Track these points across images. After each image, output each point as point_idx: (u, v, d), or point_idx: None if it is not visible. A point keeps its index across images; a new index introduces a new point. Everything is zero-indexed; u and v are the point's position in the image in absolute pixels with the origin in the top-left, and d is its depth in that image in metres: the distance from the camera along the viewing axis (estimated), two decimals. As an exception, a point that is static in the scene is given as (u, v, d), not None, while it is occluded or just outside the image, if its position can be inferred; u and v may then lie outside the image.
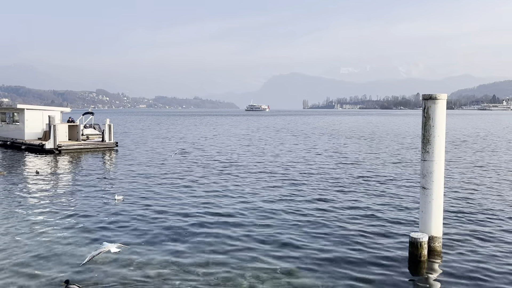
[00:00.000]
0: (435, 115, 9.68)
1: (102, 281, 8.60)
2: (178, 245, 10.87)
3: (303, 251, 10.47)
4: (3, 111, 40.91)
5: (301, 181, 19.88)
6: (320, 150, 34.43)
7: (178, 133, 58.44)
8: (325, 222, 12.96)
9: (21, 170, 23.86)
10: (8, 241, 11.10)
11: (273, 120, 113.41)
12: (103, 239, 11.15)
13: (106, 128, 35.01)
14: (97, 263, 9.49)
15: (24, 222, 12.88)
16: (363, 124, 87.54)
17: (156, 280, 8.74)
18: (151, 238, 11.47)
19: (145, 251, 10.40)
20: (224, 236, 11.63)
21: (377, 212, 14.05)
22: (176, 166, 25.09)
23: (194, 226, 12.60)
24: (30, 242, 11.02)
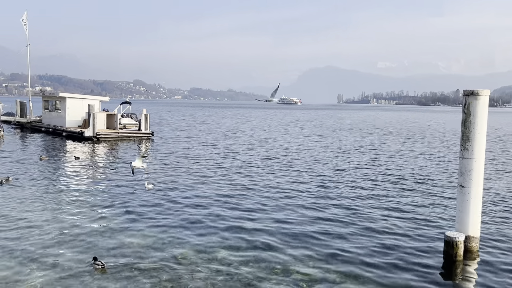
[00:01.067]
0: (476, 112, 9.37)
1: (126, 262, 8.87)
2: (203, 234, 11.04)
3: (333, 248, 10.42)
4: (46, 99, 42.55)
5: (333, 178, 19.72)
6: (354, 145, 33.99)
7: (213, 124, 59.03)
8: (357, 218, 12.83)
9: (61, 156, 24.81)
10: (46, 220, 11.60)
11: (304, 114, 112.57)
12: (131, 224, 11.50)
13: (142, 118, 35.81)
14: (124, 245, 9.80)
15: (61, 204, 13.45)
16: (400, 120, 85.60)
17: (178, 264, 8.93)
18: (177, 225, 11.70)
19: (169, 237, 10.63)
20: (250, 229, 11.72)
21: (411, 210, 13.79)
22: (209, 157, 25.40)
23: (221, 217, 12.75)
24: (65, 222, 11.48)
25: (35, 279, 8.14)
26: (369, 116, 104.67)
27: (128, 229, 11.28)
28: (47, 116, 41.89)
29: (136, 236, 10.69)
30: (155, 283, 8.12)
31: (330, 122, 72.63)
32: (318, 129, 53.56)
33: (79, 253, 9.48)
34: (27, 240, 10.15)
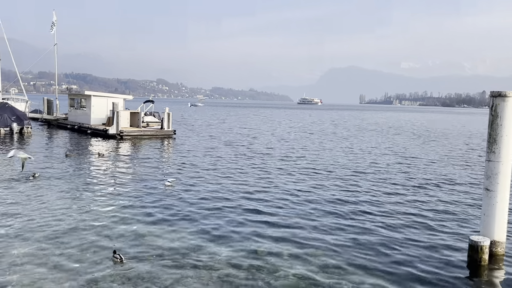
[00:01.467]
0: (504, 114, 9.17)
1: (146, 256, 9.02)
2: (221, 234, 11.13)
3: (356, 250, 10.36)
4: (72, 97, 43.52)
5: (354, 180, 19.58)
6: (378, 147, 33.63)
7: (234, 123, 59.26)
8: (378, 222, 12.72)
9: (86, 152, 25.35)
10: (70, 214, 11.89)
11: (325, 115, 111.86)
12: (152, 220, 11.68)
13: (165, 116, 36.23)
14: (144, 240, 9.97)
15: (85, 199, 13.76)
16: (424, 122, 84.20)
17: (198, 262, 9.03)
18: (197, 223, 11.81)
19: (189, 235, 10.75)
20: (268, 229, 11.76)
21: (435, 213, 13.59)
22: (229, 156, 25.54)
23: (240, 216, 12.82)
24: (88, 217, 11.74)
25: (59, 270, 8.35)
26: (392, 117, 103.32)
27: (149, 224, 11.46)
28: (72, 114, 42.83)
29: (156, 232, 10.86)
30: (174, 279, 8.23)
31: (353, 122, 72.00)
32: (340, 129, 53.18)
33: (100, 246, 9.68)
34: (52, 233, 10.43)
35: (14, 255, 9.04)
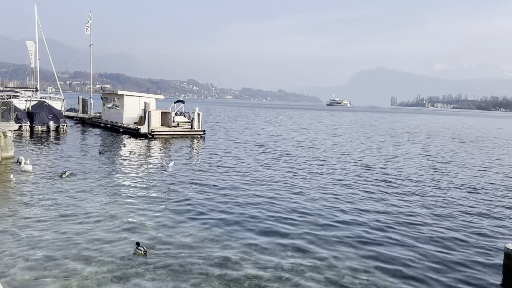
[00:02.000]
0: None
1: (169, 251, 9.16)
2: (248, 235, 11.16)
3: (391, 254, 10.22)
4: (105, 96, 44.65)
5: (392, 183, 19.27)
6: (411, 151, 33.00)
7: (263, 124, 59.35)
8: (410, 228, 12.48)
9: (118, 150, 25.97)
10: (100, 210, 12.21)
11: (355, 116, 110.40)
12: (179, 217, 11.84)
13: (195, 116, 36.67)
14: (168, 234, 10.12)
15: (115, 194, 14.10)
16: (459, 125, 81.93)
17: (223, 260, 9.09)
18: (224, 223, 11.90)
19: (214, 233, 10.85)
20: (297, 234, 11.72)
21: (469, 220, 13.22)
22: (258, 157, 25.61)
23: (265, 217, 12.84)
24: (118, 212, 12.03)
25: (85, 261, 8.61)
26: (424, 121, 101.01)
27: (174, 221, 11.65)
28: (106, 113, 43.94)
29: (180, 228, 11.04)
30: (196, 273, 8.33)
31: (383, 125, 70.84)
32: (371, 132, 52.43)
33: (125, 240, 9.91)
34: (81, 226, 10.75)
35: (44, 247, 9.36)
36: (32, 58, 50.93)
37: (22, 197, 13.57)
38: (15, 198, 13.50)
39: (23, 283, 7.74)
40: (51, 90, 65.55)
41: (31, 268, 8.33)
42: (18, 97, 44.71)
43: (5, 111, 22.37)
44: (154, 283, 8.01)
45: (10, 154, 20.80)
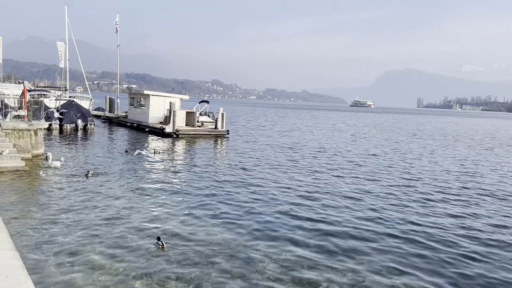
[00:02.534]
0: None
1: (188, 246, 9.27)
2: (271, 235, 11.18)
3: (427, 263, 10.08)
4: (132, 96, 45.46)
5: (424, 190, 18.98)
6: (441, 154, 32.39)
7: (287, 124, 59.26)
8: (438, 238, 12.25)
9: (143, 149, 26.37)
10: (123, 204, 12.45)
11: (377, 118, 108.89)
12: (198, 214, 11.95)
13: (219, 117, 36.94)
14: (189, 233, 10.23)
15: (139, 192, 14.35)
16: (489, 128, 79.84)
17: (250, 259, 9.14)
18: (246, 223, 11.95)
19: (236, 232, 10.90)
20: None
21: (500, 231, 12.89)
22: (281, 158, 25.59)
23: (291, 217, 12.82)
24: (141, 210, 12.24)
25: (111, 256, 8.81)
26: (453, 123, 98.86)
27: (196, 219, 11.76)
28: (132, 112, 44.73)
29: (200, 226, 11.14)
30: (212, 270, 8.40)
31: (409, 127, 69.68)
32: (397, 134, 51.66)
33: (147, 236, 10.08)
34: (104, 221, 10.99)
35: (70, 243, 9.63)
36: (62, 59, 52.32)
37: (50, 193, 13.97)
38: (43, 194, 13.91)
39: (51, 277, 7.97)
40: (80, 89, 67.20)
41: (59, 264, 8.57)
42: (49, 96, 45.96)
43: (36, 109, 23.04)
44: (174, 278, 8.13)
45: (41, 151, 21.44)
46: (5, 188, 14.05)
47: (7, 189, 14.13)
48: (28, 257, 8.64)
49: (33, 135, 20.86)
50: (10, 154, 17.56)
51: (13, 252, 5.27)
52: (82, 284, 7.76)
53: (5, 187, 14.33)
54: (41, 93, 46.48)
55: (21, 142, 20.00)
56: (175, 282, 8.06)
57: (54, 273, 8.10)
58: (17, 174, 16.57)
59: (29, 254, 8.81)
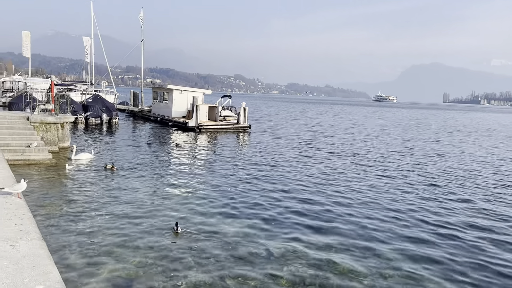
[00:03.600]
0: None
1: (203, 234, 9.33)
2: (285, 231, 11.14)
3: (446, 270, 9.90)
4: (156, 91, 45.97)
5: (443, 187, 18.61)
6: (472, 152, 31.66)
7: (309, 119, 58.93)
8: (466, 242, 12.01)
9: (165, 143, 26.70)
10: (147, 196, 12.62)
11: (400, 113, 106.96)
12: (216, 206, 12.00)
13: (241, 111, 36.99)
14: (204, 223, 10.28)
15: (161, 183, 14.51)
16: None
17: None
18: (265, 217, 11.94)
19: (254, 227, 10.91)
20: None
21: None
22: (303, 153, 25.48)
23: (310, 214, 12.75)
24: (161, 197, 12.39)
25: (134, 247, 8.96)
26: (484, 119, 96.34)
27: (213, 210, 11.83)
28: (156, 106, 45.25)
29: (216, 217, 11.18)
30: (224, 259, 8.43)
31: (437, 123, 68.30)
32: (422, 130, 50.73)
33: (163, 222, 10.20)
34: (128, 215, 11.17)
35: (94, 234, 9.82)
36: (87, 53, 53.29)
37: (76, 185, 14.28)
38: (69, 186, 14.24)
39: (78, 268, 8.15)
40: (105, 84, 68.33)
41: (83, 254, 8.76)
42: (75, 90, 46.91)
43: (63, 103, 23.55)
44: (191, 267, 8.21)
45: (67, 145, 21.92)
46: (33, 180, 14.43)
47: (35, 180, 14.52)
48: (54, 247, 8.86)
49: (60, 128, 21.34)
50: (38, 147, 18.00)
51: (40, 242, 5.41)
52: (105, 273, 7.92)
53: (33, 179, 14.72)
54: (67, 87, 47.48)
55: (48, 135, 20.49)
56: (183, 269, 8.14)
57: (79, 263, 8.29)
58: (44, 167, 17.01)
59: (55, 244, 9.04)
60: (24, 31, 53.34)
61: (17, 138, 18.39)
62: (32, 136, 18.93)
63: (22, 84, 47.43)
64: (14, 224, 5.91)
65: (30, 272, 4.48)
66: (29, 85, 45.92)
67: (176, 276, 8.02)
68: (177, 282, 7.78)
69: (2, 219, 6.08)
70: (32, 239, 5.44)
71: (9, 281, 4.28)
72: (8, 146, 17.42)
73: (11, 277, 4.36)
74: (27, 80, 51.80)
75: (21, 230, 5.70)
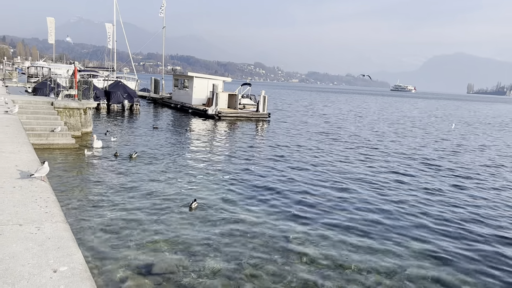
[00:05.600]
0: None
1: (216, 213, 9.39)
2: (305, 220, 11.13)
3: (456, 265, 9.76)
4: (176, 78, 46.17)
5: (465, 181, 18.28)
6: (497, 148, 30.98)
7: (330, 109, 58.45)
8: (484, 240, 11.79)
9: (184, 130, 26.88)
10: (166, 180, 12.78)
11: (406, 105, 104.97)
12: (236, 193, 12.05)
13: (261, 99, 36.89)
14: (214, 204, 10.35)
15: (179, 169, 14.65)
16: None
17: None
18: (281, 203, 11.95)
19: (267, 211, 10.93)
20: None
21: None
22: (321, 143, 25.32)
23: (327, 203, 12.70)
24: (181, 181, 12.52)
25: (152, 231, 9.10)
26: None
27: (237, 199, 11.90)
28: (176, 93, 45.51)
29: (241, 207, 11.24)
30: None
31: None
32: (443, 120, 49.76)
33: (183, 204, 10.33)
34: (146, 201, 11.34)
35: (113, 217, 10.01)
36: (110, 40, 53.79)
37: (98, 169, 14.54)
38: (90, 170, 14.50)
39: (99, 250, 8.34)
40: (126, 70, 69.01)
41: (105, 237, 8.94)
42: (97, 76, 47.49)
43: (86, 89, 23.86)
44: (211, 251, 8.30)
45: (89, 130, 22.29)
46: (56, 164, 14.75)
47: (58, 164, 14.83)
48: (77, 229, 9.07)
49: (82, 114, 21.68)
50: (61, 132, 18.34)
51: (64, 225, 5.53)
52: (126, 255, 8.08)
53: (57, 162, 15.04)
54: (90, 73, 48.10)
55: (71, 120, 20.85)
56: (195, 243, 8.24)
57: (100, 246, 8.47)
58: (68, 151, 17.34)
59: (78, 227, 9.25)
60: (49, 18, 54.12)
61: (41, 122, 18.77)
62: (56, 121, 19.28)
63: (47, 69, 48.25)
64: (39, 207, 6.06)
65: (55, 254, 4.60)
66: (53, 70, 46.72)
67: (197, 260, 8.12)
68: (197, 267, 7.88)
69: (28, 201, 6.24)
70: (57, 222, 5.56)
71: (35, 262, 4.40)
72: (33, 130, 17.80)
73: (36, 258, 4.48)
74: (52, 66, 52.69)
75: (46, 213, 5.84)
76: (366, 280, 7.83)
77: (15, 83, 41.97)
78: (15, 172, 7.64)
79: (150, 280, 7.31)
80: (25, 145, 9.96)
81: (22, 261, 4.38)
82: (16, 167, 7.99)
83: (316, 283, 7.60)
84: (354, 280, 7.81)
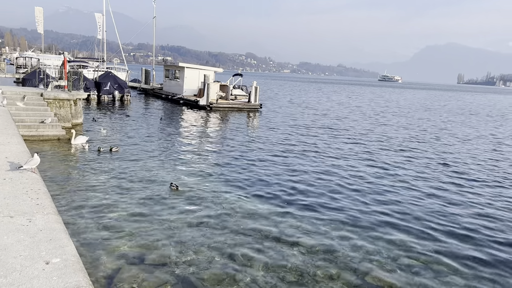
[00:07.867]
0: None
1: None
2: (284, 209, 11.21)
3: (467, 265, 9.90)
4: (167, 68, 45.84)
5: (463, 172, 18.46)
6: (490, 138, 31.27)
7: (320, 100, 58.54)
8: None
9: (176, 121, 26.79)
10: (156, 170, 12.78)
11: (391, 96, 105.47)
12: (225, 184, 12.09)
13: (252, 90, 36.81)
14: (207, 190, 10.38)
15: (170, 159, 14.63)
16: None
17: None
18: (271, 195, 12.02)
19: (257, 203, 11.00)
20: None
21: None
22: (313, 133, 25.40)
23: (319, 195, 12.79)
24: (171, 172, 12.53)
25: (137, 219, 9.13)
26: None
27: (219, 183, 11.93)
28: (167, 84, 45.23)
29: (229, 197, 11.29)
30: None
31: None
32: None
33: (174, 195, 10.36)
34: (139, 187, 11.35)
35: (105, 206, 10.01)
36: (100, 30, 53.13)
37: (86, 162, 14.46)
38: (80, 161, 14.42)
39: (91, 242, 8.34)
40: (117, 61, 68.29)
41: (97, 228, 8.94)
42: (87, 67, 46.99)
43: (76, 80, 23.65)
44: (204, 240, 8.35)
45: (80, 121, 22.12)
46: (47, 155, 14.65)
47: (49, 156, 14.74)
48: (69, 221, 9.05)
49: (73, 105, 21.49)
50: (51, 123, 18.19)
51: (55, 216, 5.53)
52: (118, 246, 8.09)
53: (47, 154, 14.94)
54: (80, 64, 47.57)
55: (61, 111, 20.67)
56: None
57: (92, 237, 8.47)
58: (58, 142, 17.22)
59: (69, 218, 9.23)
60: (37, 7, 53.30)
61: (31, 114, 18.59)
62: (46, 112, 19.11)
63: (35, 60, 47.63)
64: (30, 199, 6.04)
65: (47, 246, 4.60)
66: (42, 61, 46.14)
67: (189, 250, 8.16)
68: (189, 257, 7.92)
69: (19, 193, 6.21)
70: (48, 213, 5.55)
71: (27, 254, 4.40)
72: (22, 121, 17.64)
73: (28, 250, 4.48)
74: (40, 56, 52.02)
75: (37, 205, 5.82)
76: (359, 267, 7.94)
77: (3, 73, 41.40)
78: (5, 163, 7.59)
79: (143, 270, 7.34)
80: (15, 137, 9.89)
81: (14, 253, 4.38)
82: (6, 158, 7.94)
83: (308, 272, 7.69)
84: (345, 268, 7.90)
